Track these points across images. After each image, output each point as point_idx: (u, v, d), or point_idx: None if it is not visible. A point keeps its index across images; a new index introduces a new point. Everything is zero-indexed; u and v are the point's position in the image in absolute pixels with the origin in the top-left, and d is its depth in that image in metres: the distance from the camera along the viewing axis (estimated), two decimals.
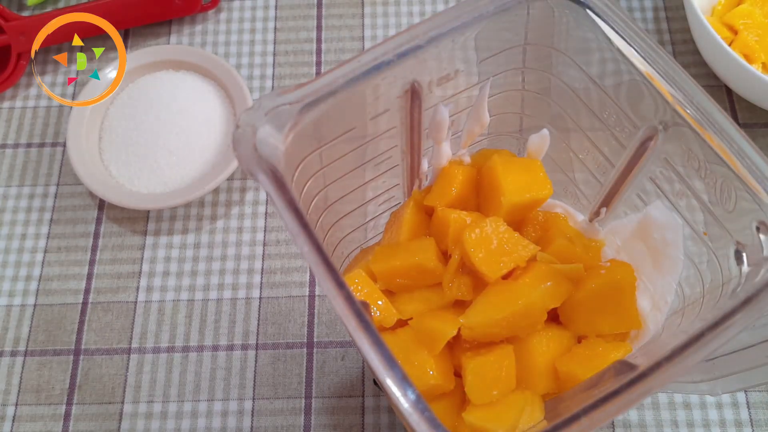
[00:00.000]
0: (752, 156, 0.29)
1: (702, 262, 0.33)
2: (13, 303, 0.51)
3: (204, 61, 0.56)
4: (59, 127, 0.57)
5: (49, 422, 0.47)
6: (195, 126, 0.53)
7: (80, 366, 0.49)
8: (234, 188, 0.54)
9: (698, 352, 0.26)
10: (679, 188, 0.34)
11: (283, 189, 0.27)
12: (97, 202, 0.54)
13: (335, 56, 0.60)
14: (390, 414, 0.46)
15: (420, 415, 0.23)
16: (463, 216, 0.37)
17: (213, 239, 0.53)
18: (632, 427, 0.45)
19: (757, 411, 0.45)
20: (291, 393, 0.47)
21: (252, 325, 0.50)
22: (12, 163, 0.56)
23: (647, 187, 0.36)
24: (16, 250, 0.53)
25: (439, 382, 0.34)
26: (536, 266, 0.35)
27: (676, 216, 0.34)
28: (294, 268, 0.52)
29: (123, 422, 0.47)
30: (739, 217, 0.30)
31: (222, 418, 0.47)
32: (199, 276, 0.51)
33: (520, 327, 0.34)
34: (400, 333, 0.35)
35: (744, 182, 0.29)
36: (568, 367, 0.34)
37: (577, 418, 0.24)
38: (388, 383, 0.23)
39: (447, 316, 0.35)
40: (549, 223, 0.40)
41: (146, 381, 0.48)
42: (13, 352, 0.49)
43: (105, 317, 0.50)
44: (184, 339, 0.49)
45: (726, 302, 0.29)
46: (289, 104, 0.29)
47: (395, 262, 0.36)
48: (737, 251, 0.30)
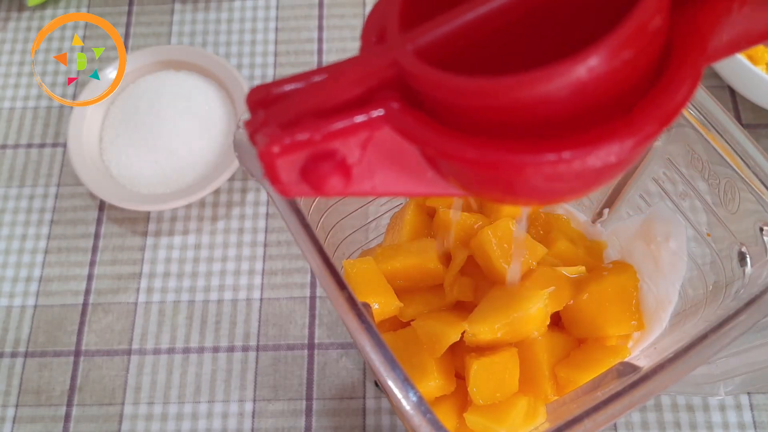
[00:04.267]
0: (756, 157, 0.29)
1: (705, 263, 0.33)
2: (13, 304, 0.51)
3: (205, 61, 0.55)
4: (59, 127, 0.57)
5: (49, 424, 0.47)
6: (195, 127, 0.53)
7: (80, 367, 0.49)
8: (235, 189, 0.54)
9: (701, 353, 0.25)
10: (682, 189, 0.33)
11: None
12: (97, 203, 0.54)
13: (337, 56, 0.60)
14: (391, 416, 0.46)
15: (422, 416, 0.23)
16: (465, 217, 0.37)
17: (214, 240, 0.53)
18: (635, 428, 0.45)
19: (760, 413, 0.45)
20: (292, 395, 0.47)
21: (253, 326, 0.50)
22: (12, 164, 0.56)
23: (650, 188, 0.36)
24: (16, 251, 0.53)
25: (440, 384, 0.33)
26: (539, 270, 0.35)
27: (679, 217, 0.34)
28: (295, 269, 0.51)
29: (123, 424, 0.47)
30: (742, 219, 0.30)
31: (222, 419, 0.47)
32: (199, 277, 0.51)
33: (523, 331, 0.34)
34: (401, 334, 0.35)
35: (748, 183, 0.29)
36: (567, 372, 0.34)
37: (579, 420, 0.24)
38: (390, 385, 0.23)
39: (450, 319, 0.34)
40: (551, 224, 0.40)
41: (146, 382, 0.48)
42: (13, 354, 0.49)
43: (105, 318, 0.50)
44: (185, 340, 0.49)
45: (729, 304, 0.29)
46: None
47: (396, 263, 0.36)
48: (741, 252, 0.30)
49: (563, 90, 0.16)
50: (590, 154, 0.17)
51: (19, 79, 0.59)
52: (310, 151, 0.19)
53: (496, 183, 0.19)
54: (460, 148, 0.18)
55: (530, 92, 0.16)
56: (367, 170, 0.20)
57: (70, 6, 0.62)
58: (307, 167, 0.19)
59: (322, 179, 0.19)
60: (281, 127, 0.19)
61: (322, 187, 0.19)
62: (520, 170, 0.17)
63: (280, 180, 0.19)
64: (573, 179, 0.18)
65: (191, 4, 0.62)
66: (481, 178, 0.19)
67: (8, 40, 0.61)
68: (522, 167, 0.17)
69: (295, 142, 0.19)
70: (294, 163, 0.19)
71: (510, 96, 0.17)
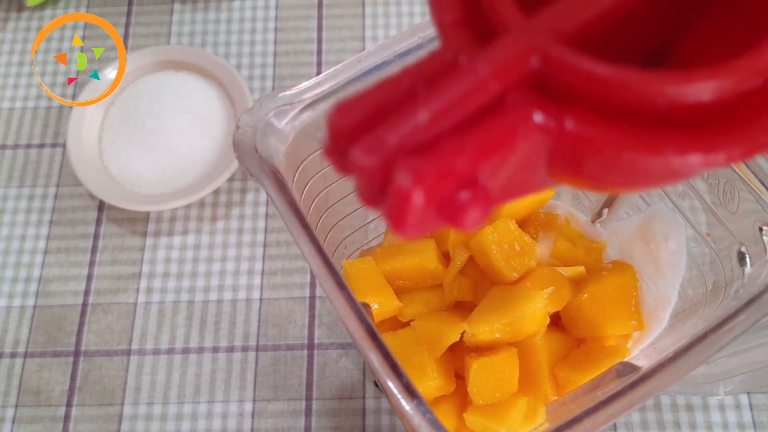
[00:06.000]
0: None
1: (705, 263, 0.33)
2: (12, 304, 0.51)
3: (204, 62, 0.55)
4: (59, 127, 0.57)
5: (49, 424, 0.47)
6: (195, 127, 0.53)
7: (80, 367, 0.49)
8: (234, 189, 0.54)
9: (701, 353, 0.25)
10: (681, 189, 0.33)
11: (283, 190, 0.27)
12: (97, 203, 0.54)
13: (336, 56, 0.60)
14: (391, 416, 0.46)
15: (422, 416, 0.23)
16: None
17: (213, 240, 0.53)
18: (634, 428, 0.45)
19: (760, 413, 0.45)
20: (291, 395, 0.47)
21: (252, 326, 0.50)
22: (12, 164, 0.56)
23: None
24: (15, 252, 0.53)
25: (440, 384, 0.33)
26: (538, 270, 0.35)
27: (678, 217, 0.34)
28: (294, 270, 0.51)
29: (123, 424, 0.47)
30: (742, 219, 0.30)
31: (222, 420, 0.47)
32: (199, 277, 0.51)
33: (523, 332, 0.34)
34: (401, 334, 0.35)
35: (747, 183, 0.29)
36: (566, 372, 0.34)
37: (579, 420, 0.24)
38: (390, 385, 0.23)
39: (450, 319, 0.34)
40: (551, 224, 0.40)
41: (146, 383, 0.48)
42: (12, 354, 0.49)
43: (105, 318, 0.50)
44: (184, 340, 0.49)
45: (729, 303, 0.29)
46: (289, 105, 0.29)
47: (396, 264, 0.36)
48: (740, 252, 0.30)
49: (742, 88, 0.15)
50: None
51: (19, 79, 0.59)
52: (454, 183, 0.15)
53: (644, 174, 0.16)
54: (660, 144, 0.15)
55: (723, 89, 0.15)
56: (498, 188, 0.16)
57: (69, 6, 0.62)
58: (444, 203, 0.15)
59: (461, 212, 0.15)
60: (417, 156, 0.14)
61: (462, 221, 0.15)
62: (709, 163, 0.15)
63: (407, 224, 0.15)
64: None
65: (191, 4, 0.62)
66: (631, 171, 0.16)
67: (8, 41, 0.61)
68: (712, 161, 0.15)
69: (444, 170, 0.14)
70: (431, 203, 0.15)
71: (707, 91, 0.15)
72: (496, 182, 0.15)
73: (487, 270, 0.36)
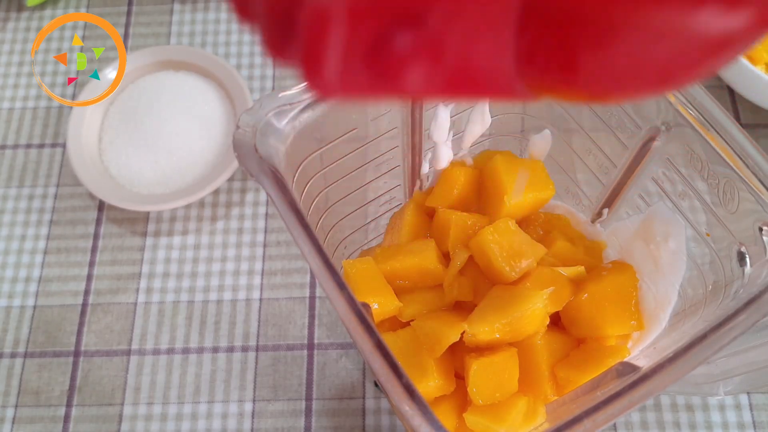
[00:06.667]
0: (755, 157, 0.29)
1: (704, 263, 0.33)
2: (12, 304, 0.51)
3: (204, 62, 0.55)
4: (59, 127, 0.57)
5: (49, 424, 0.47)
6: (195, 127, 0.53)
7: (80, 368, 0.49)
8: (234, 189, 0.54)
9: (701, 353, 0.25)
10: (681, 189, 0.33)
11: (283, 190, 0.27)
12: (96, 204, 0.54)
13: None
14: (391, 416, 0.46)
15: (422, 417, 0.23)
16: (464, 217, 0.37)
17: (213, 240, 0.53)
18: (634, 428, 0.45)
19: (759, 413, 0.45)
20: (291, 395, 0.47)
21: (252, 326, 0.50)
22: (12, 164, 0.56)
23: (649, 188, 0.36)
24: (15, 252, 0.53)
25: (440, 384, 0.33)
26: (538, 270, 0.35)
27: (678, 217, 0.34)
28: (294, 270, 0.51)
29: (123, 424, 0.47)
30: (741, 219, 0.30)
31: (222, 420, 0.47)
32: (199, 277, 0.51)
33: (523, 332, 0.34)
34: (401, 334, 0.35)
35: (747, 183, 0.29)
36: (566, 372, 0.34)
37: (579, 420, 0.24)
38: (390, 385, 0.23)
39: (450, 319, 0.34)
40: (551, 224, 0.40)
41: (146, 383, 0.48)
42: (12, 354, 0.49)
43: (105, 319, 0.50)
44: (184, 340, 0.49)
45: (729, 303, 0.28)
46: (289, 105, 0.29)
47: (396, 264, 0.36)
48: (740, 252, 0.30)
49: None
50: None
51: (19, 79, 0.59)
52: (389, 14, 0.11)
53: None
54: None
55: None
56: (452, 56, 0.12)
57: (69, 6, 0.62)
58: (377, 45, 0.11)
59: (399, 64, 0.12)
60: None
61: (399, 79, 0.12)
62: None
63: (327, 65, 0.12)
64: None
65: (191, 4, 0.62)
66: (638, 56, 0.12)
67: (8, 41, 0.61)
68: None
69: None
70: (359, 38, 0.11)
71: None
72: (450, 42, 0.12)
73: (487, 270, 0.36)
